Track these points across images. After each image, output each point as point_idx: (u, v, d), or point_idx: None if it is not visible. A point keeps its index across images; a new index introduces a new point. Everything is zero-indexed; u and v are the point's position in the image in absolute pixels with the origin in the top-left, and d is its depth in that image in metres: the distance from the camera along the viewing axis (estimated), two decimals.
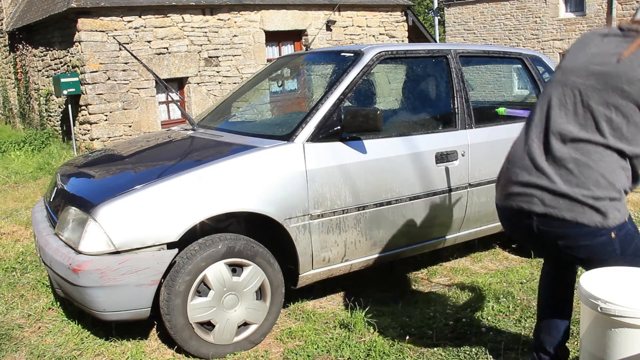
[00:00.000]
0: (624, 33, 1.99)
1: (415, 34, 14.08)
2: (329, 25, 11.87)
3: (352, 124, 2.99)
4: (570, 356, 2.55)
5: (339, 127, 3.05)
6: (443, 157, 3.42)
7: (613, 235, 1.94)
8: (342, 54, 3.56)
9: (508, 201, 2.13)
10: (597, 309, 1.75)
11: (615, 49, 1.95)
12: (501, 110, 3.25)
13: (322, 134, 3.03)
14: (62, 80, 9.10)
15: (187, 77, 10.25)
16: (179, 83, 10.34)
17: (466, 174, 3.53)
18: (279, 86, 4.80)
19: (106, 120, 9.40)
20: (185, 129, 3.76)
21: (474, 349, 2.81)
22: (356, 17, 12.36)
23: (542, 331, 2.40)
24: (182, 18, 10.05)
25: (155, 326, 3.07)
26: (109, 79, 9.35)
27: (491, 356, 2.77)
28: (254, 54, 10.97)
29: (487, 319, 3.13)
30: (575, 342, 2.78)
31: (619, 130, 1.91)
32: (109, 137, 9.42)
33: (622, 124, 1.91)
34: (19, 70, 12.52)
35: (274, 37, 11.38)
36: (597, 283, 1.86)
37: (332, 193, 3.01)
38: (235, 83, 10.56)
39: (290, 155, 2.93)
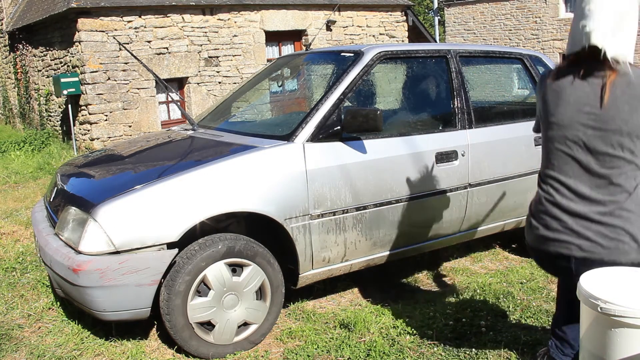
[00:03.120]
0: (587, 73, 1.99)
1: (415, 34, 14.08)
2: (329, 25, 11.87)
3: (352, 124, 2.99)
4: None
5: (339, 127, 3.05)
6: (443, 157, 3.42)
7: None
8: (342, 54, 3.57)
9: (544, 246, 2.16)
10: (597, 309, 1.75)
11: (593, 95, 1.98)
12: None
13: (322, 134, 3.03)
14: (62, 80, 9.10)
15: (187, 77, 10.25)
16: (179, 83, 10.34)
17: (466, 174, 3.53)
18: (279, 86, 4.79)
19: (106, 120, 9.40)
20: (185, 129, 3.76)
21: (474, 349, 2.81)
22: (356, 17, 12.36)
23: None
24: (182, 18, 10.05)
25: (155, 326, 3.06)
26: (109, 79, 9.35)
27: (491, 356, 2.77)
28: (254, 54, 10.97)
29: (487, 319, 3.13)
30: None
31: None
32: (109, 137, 9.42)
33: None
34: (19, 70, 12.52)
35: (274, 37, 11.38)
36: (597, 283, 1.86)
37: (332, 193, 3.01)
38: (235, 83, 10.56)
39: (290, 155, 2.93)
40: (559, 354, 2.35)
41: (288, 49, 11.72)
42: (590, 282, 1.87)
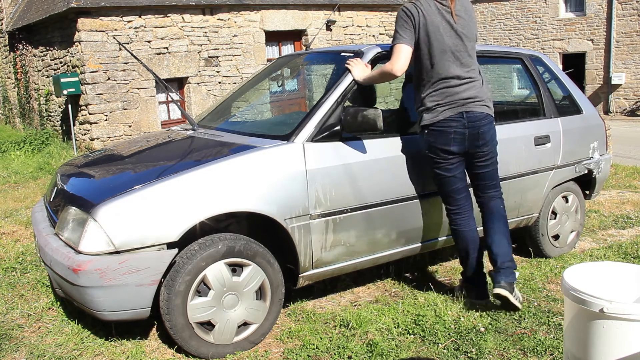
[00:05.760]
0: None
1: None
2: (329, 25, 11.87)
3: (352, 124, 2.99)
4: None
5: (338, 127, 3.05)
6: None
7: None
8: (342, 54, 3.56)
9: None
10: (600, 310, 1.75)
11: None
12: None
13: (322, 134, 3.03)
14: (62, 80, 9.11)
15: (187, 77, 10.25)
16: (179, 83, 10.35)
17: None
18: (279, 86, 4.79)
19: (106, 120, 9.41)
20: (185, 129, 3.76)
21: (474, 349, 2.81)
22: (356, 17, 12.36)
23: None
24: (182, 18, 10.05)
25: (155, 326, 3.06)
26: (109, 79, 9.35)
27: (491, 356, 2.77)
28: (254, 54, 10.97)
29: (487, 319, 3.13)
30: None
31: None
32: (109, 137, 9.42)
33: None
34: (19, 70, 12.53)
35: (274, 37, 11.38)
36: (581, 277, 1.87)
37: (332, 193, 3.01)
38: (235, 83, 10.57)
39: (290, 155, 2.92)
40: None
41: (288, 49, 11.72)
42: (574, 276, 1.88)
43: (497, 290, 3.16)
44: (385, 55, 3.40)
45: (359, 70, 3.21)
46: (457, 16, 3.10)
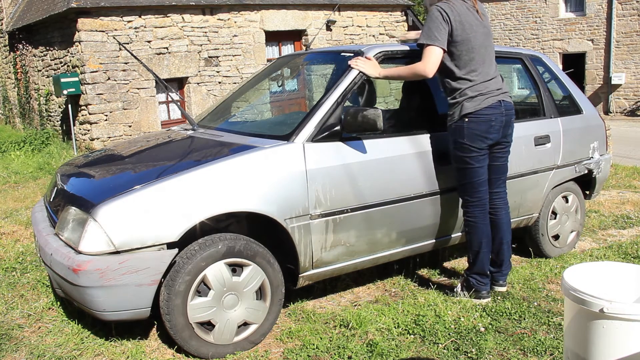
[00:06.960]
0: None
1: None
2: (329, 25, 11.87)
3: (352, 124, 2.99)
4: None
5: (339, 127, 3.05)
6: (442, 158, 3.41)
7: None
8: (342, 54, 3.56)
9: None
10: (600, 310, 1.74)
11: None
12: None
13: (322, 134, 3.03)
14: (62, 80, 9.11)
15: (187, 77, 10.25)
16: (179, 83, 10.35)
17: None
18: (279, 86, 4.79)
19: (106, 120, 9.41)
20: (185, 129, 3.76)
21: (474, 349, 2.81)
22: (356, 17, 12.36)
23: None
24: (182, 18, 10.05)
25: (155, 326, 3.06)
26: (109, 79, 9.35)
27: (491, 356, 2.77)
28: (254, 54, 10.97)
29: (487, 319, 3.13)
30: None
31: None
32: (109, 137, 9.42)
33: None
34: (19, 70, 12.53)
35: (274, 37, 11.39)
36: (581, 277, 1.87)
37: (332, 193, 3.01)
38: (235, 83, 10.57)
39: (290, 155, 2.92)
40: None
41: (288, 49, 11.72)
42: (574, 276, 1.88)
43: (501, 289, 3.54)
44: (387, 54, 3.40)
45: (371, 66, 3.26)
46: (482, 14, 3.33)
